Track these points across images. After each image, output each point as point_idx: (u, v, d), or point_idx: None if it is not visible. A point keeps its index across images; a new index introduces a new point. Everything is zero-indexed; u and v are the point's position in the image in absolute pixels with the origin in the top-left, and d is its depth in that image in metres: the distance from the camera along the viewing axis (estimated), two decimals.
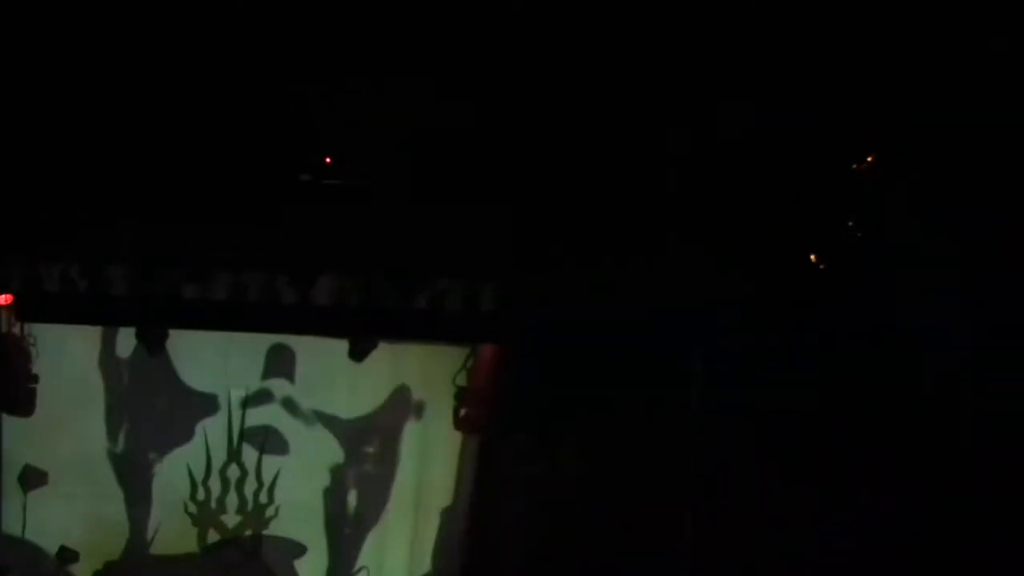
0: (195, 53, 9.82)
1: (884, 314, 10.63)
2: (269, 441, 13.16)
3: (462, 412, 12.53)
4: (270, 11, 9.53)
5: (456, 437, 12.79)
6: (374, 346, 12.40)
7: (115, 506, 12.99)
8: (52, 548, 12.70)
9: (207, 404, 13.19)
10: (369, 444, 13.40)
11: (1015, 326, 10.13)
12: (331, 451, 13.28)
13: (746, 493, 11.12)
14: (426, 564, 13.09)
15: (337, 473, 13.29)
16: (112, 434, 13.01)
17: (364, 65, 10.17)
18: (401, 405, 13.24)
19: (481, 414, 12.36)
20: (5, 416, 12.42)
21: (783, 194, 10.67)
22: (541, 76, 10.13)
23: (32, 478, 12.78)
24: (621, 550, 11.36)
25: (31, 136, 10.51)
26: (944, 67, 9.53)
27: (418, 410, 13.20)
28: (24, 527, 12.77)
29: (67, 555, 12.63)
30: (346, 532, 13.23)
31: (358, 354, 12.38)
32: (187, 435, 13.08)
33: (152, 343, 12.24)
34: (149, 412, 13.03)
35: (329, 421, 13.28)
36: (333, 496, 13.30)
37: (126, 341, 12.88)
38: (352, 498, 13.32)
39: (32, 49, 9.94)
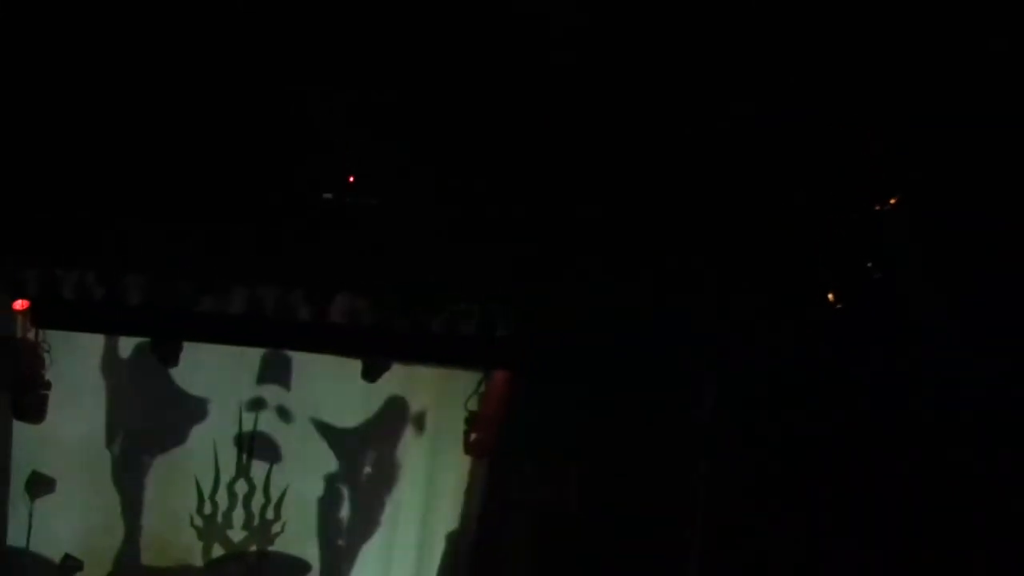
0: (226, 68, 9.80)
1: (897, 354, 10.62)
2: (270, 449, 13.17)
3: (472, 436, 12.49)
4: (304, 28, 9.52)
5: (466, 461, 12.78)
6: (387, 367, 12.37)
7: (117, 514, 13.00)
8: (57, 556, 12.77)
9: (203, 409, 13.21)
10: (367, 455, 13.40)
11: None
12: (328, 460, 13.28)
13: (753, 520, 11.11)
14: None
15: (333, 482, 13.28)
16: (111, 436, 13.02)
17: (390, 85, 10.17)
18: (401, 417, 13.24)
19: (491, 439, 12.34)
20: (16, 422, 12.46)
21: (802, 231, 10.66)
22: (551, 102, 10.11)
23: (40, 485, 12.77)
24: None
25: (52, 144, 10.50)
26: (972, 109, 9.51)
27: (419, 426, 13.20)
28: (29, 535, 12.80)
29: (71, 564, 12.62)
30: (339, 542, 13.22)
31: (371, 375, 12.34)
32: (182, 441, 13.12)
33: (166, 354, 12.21)
34: (147, 416, 13.10)
35: (326, 430, 13.28)
36: (328, 505, 13.30)
37: (127, 342, 12.99)
38: (346, 509, 13.31)
39: (56, 61, 9.93)
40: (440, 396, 12.99)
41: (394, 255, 11.17)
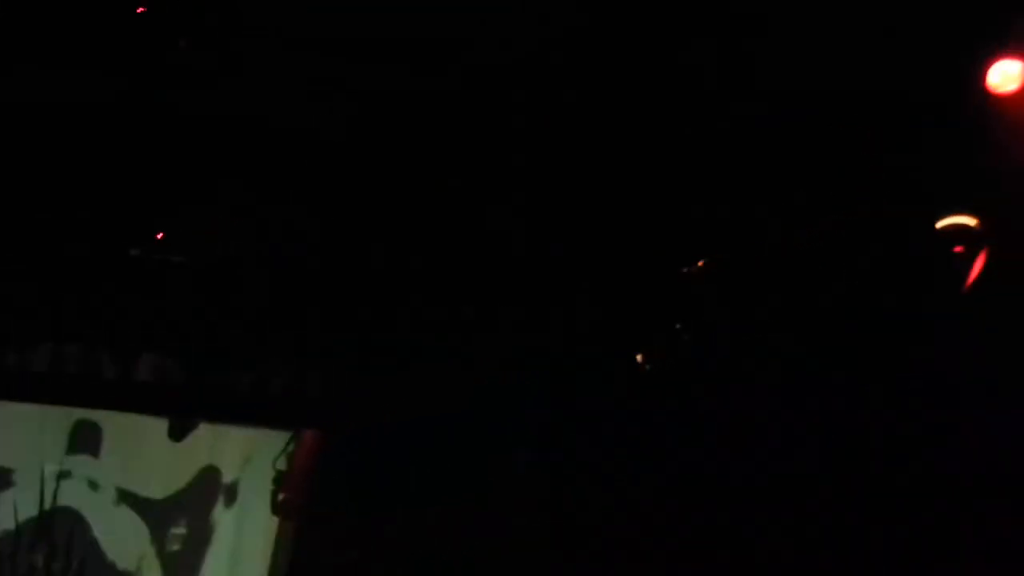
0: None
1: (710, 418, 10.75)
2: (74, 522, 12.94)
3: (281, 497, 12.40)
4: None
5: (274, 523, 12.66)
6: (194, 426, 12.21)
7: None
8: None
9: (10, 480, 12.94)
10: (178, 524, 13.24)
11: (847, 429, 10.31)
12: (139, 531, 13.10)
13: None
14: None
15: (143, 555, 13.09)
16: None
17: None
18: (211, 486, 13.11)
19: (300, 500, 12.24)
20: None
21: (611, 292, 10.75)
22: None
23: None
24: None
25: None
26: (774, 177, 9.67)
27: (230, 492, 13.08)
28: None
29: None
30: None
31: (177, 434, 12.17)
32: None
33: None
34: None
35: (137, 501, 13.09)
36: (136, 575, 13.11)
37: None
38: None
39: None
40: (249, 456, 12.89)
41: (203, 313, 11.05)
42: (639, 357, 10.82)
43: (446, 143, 9.57)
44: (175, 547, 13.21)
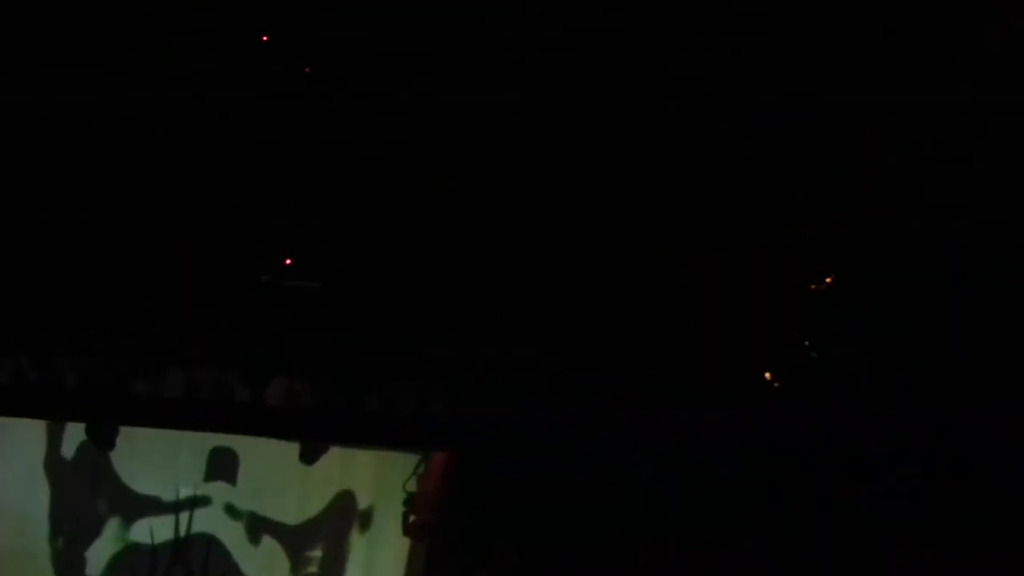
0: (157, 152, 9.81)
1: (834, 434, 10.66)
2: (213, 544, 13.11)
3: (411, 519, 12.44)
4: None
5: (405, 544, 12.71)
6: (325, 449, 12.31)
7: None
8: None
9: (148, 506, 13.13)
10: (314, 550, 13.34)
11: (961, 458, 10.20)
12: (276, 556, 13.23)
13: None
14: None
15: None
16: (54, 534, 12.92)
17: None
18: (347, 511, 13.19)
19: (430, 521, 12.27)
20: None
21: (741, 310, 10.70)
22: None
23: None
24: None
25: None
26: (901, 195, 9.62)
27: (365, 516, 13.16)
28: None
29: None
30: None
31: (309, 457, 12.27)
32: (126, 536, 13.01)
33: (102, 438, 12.11)
34: (90, 513, 13.01)
35: (273, 526, 13.22)
36: None
37: (71, 441, 12.90)
38: None
39: None
40: (379, 478, 12.94)
41: (331, 336, 11.15)
42: (767, 374, 10.77)
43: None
44: (311, 570, 13.30)
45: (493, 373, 11.30)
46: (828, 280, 10.31)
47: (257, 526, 13.18)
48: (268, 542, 13.21)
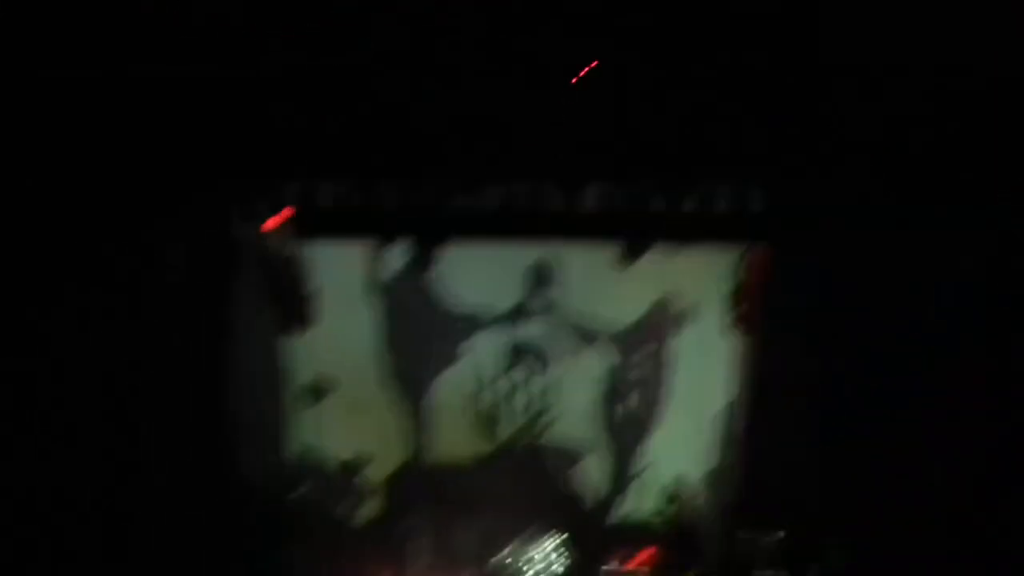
0: None
1: None
2: (537, 355, 13.33)
3: (735, 315, 12.45)
4: None
5: (729, 341, 12.74)
6: (643, 251, 12.34)
7: (395, 418, 13.30)
8: (339, 458, 13.11)
9: (472, 320, 13.43)
10: (637, 352, 13.45)
11: None
12: (600, 361, 13.38)
13: None
14: (708, 462, 13.12)
15: (607, 382, 13.38)
16: (386, 352, 13.30)
17: None
18: (668, 312, 13.24)
19: (754, 314, 12.25)
20: (286, 332, 12.78)
21: None
22: None
23: (318, 391, 13.10)
24: (898, 448, 11.18)
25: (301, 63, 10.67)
26: None
27: (686, 317, 13.20)
28: (312, 438, 13.16)
29: (354, 465, 12.92)
30: (623, 438, 13.34)
31: (628, 259, 12.33)
32: (455, 350, 13.35)
33: (423, 256, 12.36)
34: (417, 332, 13.33)
35: (596, 332, 13.36)
36: (606, 404, 13.42)
37: (394, 261, 13.24)
38: (624, 405, 13.41)
39: None
40: (699, 278, 12.95)
41: (645, 138, 11.11)
42: None
43: None
44: (636, 374, 13.44)
45: (809, 166, 11.14)
46: None
47: (580, 334, 13.35)
48: (592, 348, 13.37)
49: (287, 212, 11.61)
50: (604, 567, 11.65)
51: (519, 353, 13.35)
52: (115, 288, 10.91)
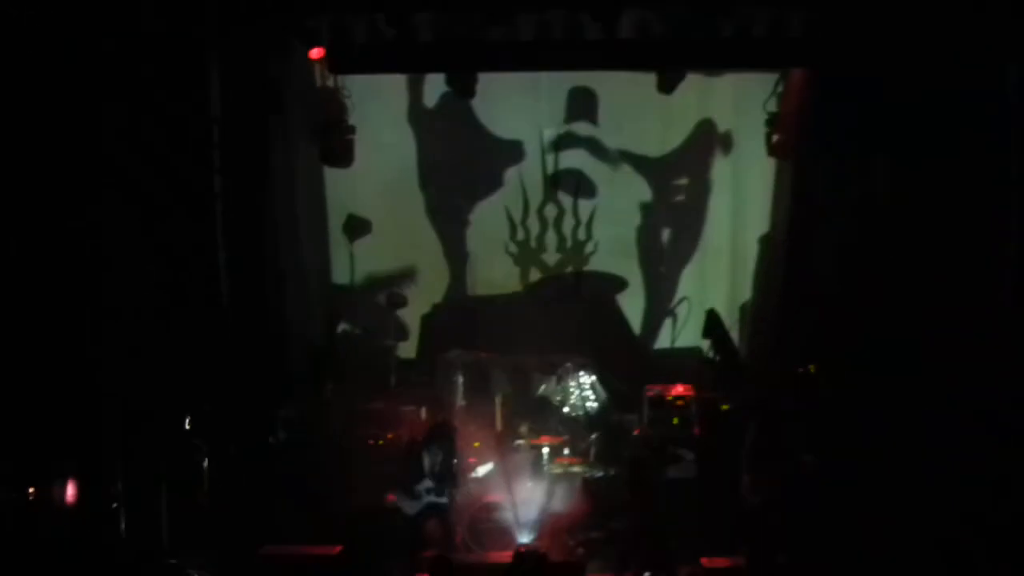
0: None
1: None
2: (579, 183, 13.34)
3: (774, 139, 12.38)
4: None
5: (770, 164, 12.71)
6: (682, 77, 12.26)
7: (435, 252, 13.42)
8: (381, 294, 13.27)
9: (513, 150, 13.44)
10: (678, 179, 13.46)
11: None
12: (640, 189, 13.40)
13: None
14: (747, 292, 13.20)
15: (648, 210, 13.41)
16: (425, 184, 13.35)
17: None
18: (708, 137, 13.22)
19: (793, 139, 12.18)
20: (326, 167, 12.84)
21: None
22: None
23: (357, 227, 13.22)
24: (940, 271, 11.06)
25: None
26: None
27: (726, 141, 13.17)
28: (352, 274, 13.29)
29: (396, 300, 13.05)
30: (661, 268, 13.41)
31: (666, 86, 12.26)
32: (495, 182, 13.48)
33: (461, 87, 12.34)
34: (458, 161, 13.43)
35: (636, 160, 13.35)
36: (646, 233, 13.47)
37: (433, 92, 13.23)
38: (665, 234, 13.47)
39: None
40: (738, 102, 12.90)
41: None
42: None
43: None
44: (678, 198, 13.45)
45: None
46: None
47: (622, 160, 13.35)
48: (634, 176, 13.37)
49: (319, 51, 11.60)
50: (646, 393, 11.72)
51: (562, 180, 13.41)
52: (158, 123, 10.86)
